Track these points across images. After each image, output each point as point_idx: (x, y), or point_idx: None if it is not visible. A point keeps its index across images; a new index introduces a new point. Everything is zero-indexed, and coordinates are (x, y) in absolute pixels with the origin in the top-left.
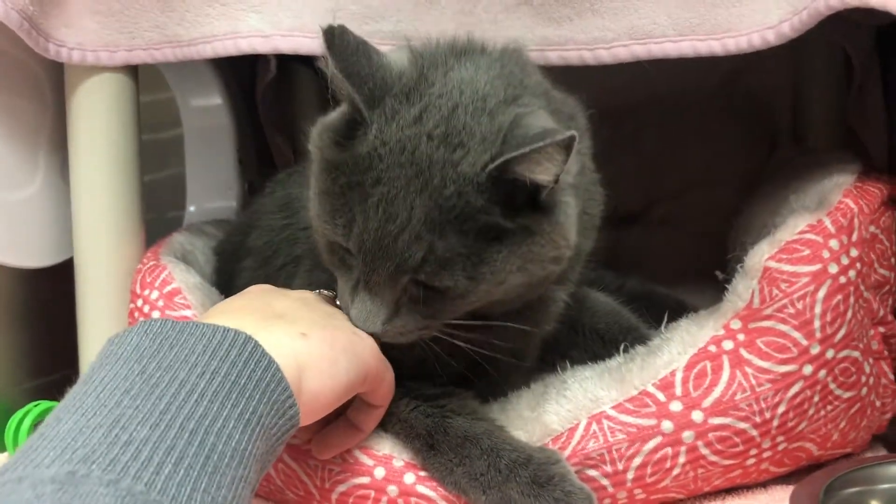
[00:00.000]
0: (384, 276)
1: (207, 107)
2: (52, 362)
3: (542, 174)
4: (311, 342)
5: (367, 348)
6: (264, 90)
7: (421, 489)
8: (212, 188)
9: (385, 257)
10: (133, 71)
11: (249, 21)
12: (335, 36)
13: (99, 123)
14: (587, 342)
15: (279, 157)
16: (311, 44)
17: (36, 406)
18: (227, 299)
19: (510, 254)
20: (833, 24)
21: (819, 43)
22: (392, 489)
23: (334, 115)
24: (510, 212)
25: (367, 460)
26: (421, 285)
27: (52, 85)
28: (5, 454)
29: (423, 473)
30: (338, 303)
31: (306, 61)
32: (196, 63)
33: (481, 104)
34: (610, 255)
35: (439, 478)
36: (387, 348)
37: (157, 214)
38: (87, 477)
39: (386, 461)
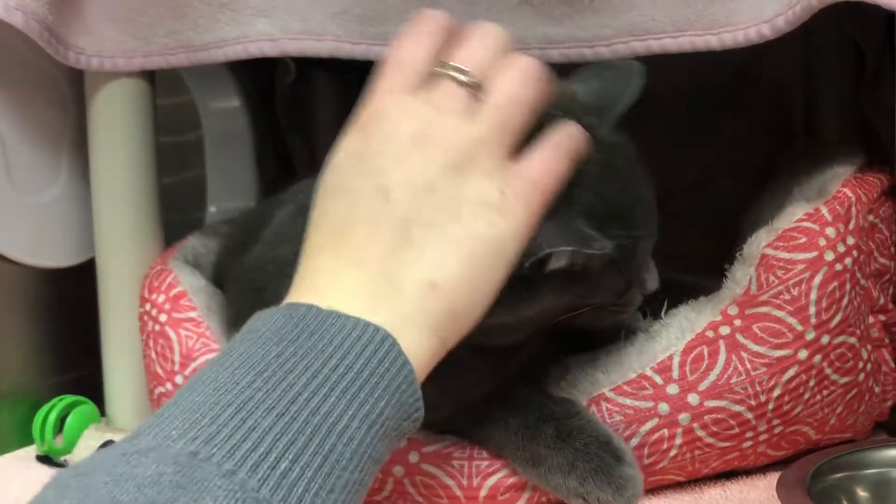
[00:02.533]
0: None
1: (226, 109)
2: (76, 358)
3: None
4: (443, 293)
5: (512, 233)
6: (283, 93)
7: (425, 467)
8: (232, 189)
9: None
10: (150, 76)
11: (258, 26)
12: None
13: (117, 127)
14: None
15: (297, 159)
16: (319, 46)
17: (61, 400)
18: (338, 164)
19: None
20: (841, 15)
21: (830, 34)
22: (398, 469)
23: None
24: None
25: None
26: None
27: (72, 90)
28: (33, 447)
29: (426, 450)
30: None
31: (325, 66)
32: (215, 66)
33: None
34: None
35: (478, 439)
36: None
37: (181, 216)
38: (208, 461)
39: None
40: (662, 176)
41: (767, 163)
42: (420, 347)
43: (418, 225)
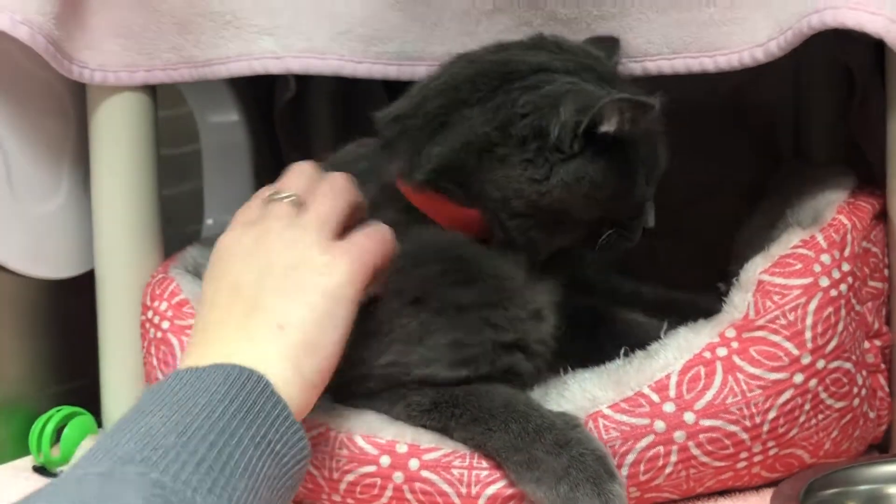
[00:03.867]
0: None
1: (225, 123)
2: (74, 369)
3: None
4: (291, 332)
5: (343, 279)
6: (282, 108)
7: (425, 474)
8: (229, 202)
9: None
10: (151, 90)
11: (262, 43)
12: None
13: (119, 140)
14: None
15: None
16: (322, 65)
17: (58, 411)
18: (204, 286)
19: None
20: (831, 39)
21: (820, 57)
22: (398, 475)
23: None
24: None
25: (371, 449)
26: None
27: (74, 103)
28: (29, 457)
29: (426, 458)
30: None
31: (324, 82)
32: (214, 81)
33: None
34: (615, 265)
35: (477, 442)
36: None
37: (177, 228)
38: (124, 471)
39: (390, 448)
40: (659, 192)
41: (757, 183)
42: (287, 383)
43: (263, 295)
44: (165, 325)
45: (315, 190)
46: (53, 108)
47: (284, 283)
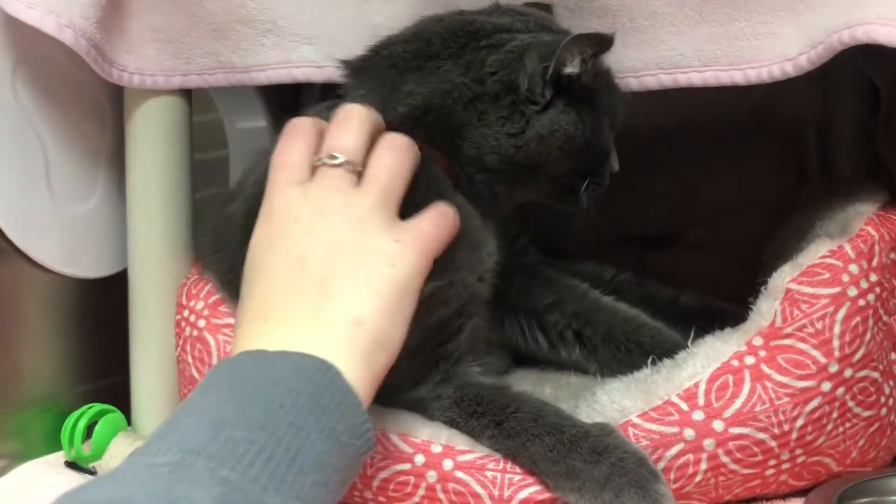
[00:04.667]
0: None
1: (253, 129)
2: (105, 367)
3: None
4: (367, 327)
5: (412, 270)
6: (308, 114)
7: (458, 474)
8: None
9: None
10: (187, 94)
11: (302, 52)
12: None
13: (154, 143)
14: (629, 356)
15: None
16: None
17: (90, 408)
18: (255, 252)
19: None
20: (858, 55)
21: (845, 73)
22: (431, 475)
23: None
24: None
25: (406, 448)
26: None
27: (111, 106)
28: (60, 453)
29: (460, 459)
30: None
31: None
32: (244, 87)
33: None
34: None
35: (511, 454)
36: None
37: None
38: (193, 465)
39: (425, 447)
40: (682, 207)
41: (783, 198)
42: (357, 377)
43: (332, 278)
44: (202, 323)
45: (376, 148)
46: (92, 111)
47: (354, 268)
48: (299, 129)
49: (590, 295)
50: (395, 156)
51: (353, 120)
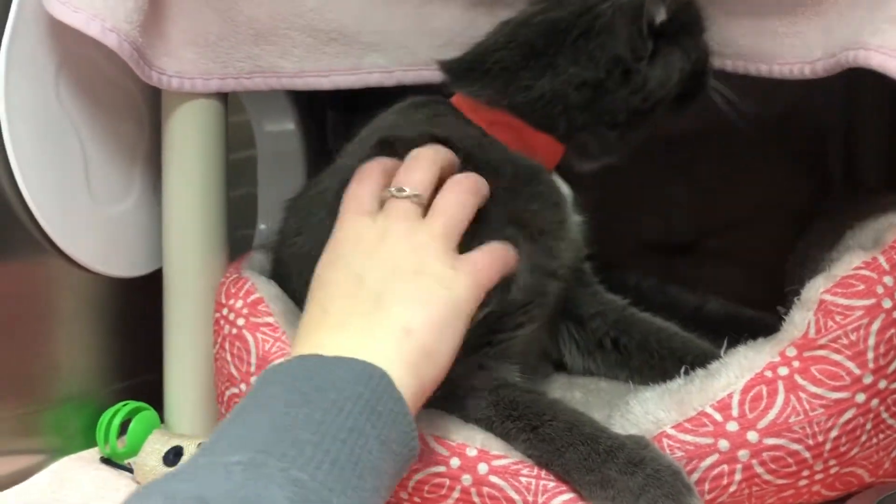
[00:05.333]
0: None
1: (281, 132)
2: (139, 365)
3: None
4: (416, 337)
5: (464, 294)
6: (334, 117)
7: (493, 479)
8: (282, 208)
9: None
10: (223, 97)
11: (371, 58)
12: None
13: (191, 144)
14: (661, 363)
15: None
16: (430, 75)
17: (124, 406)
18: (320, 270)
19: None
20: None
21: (870, 81)
22: (466, 478)
23: None
24: None
25: (442, 450)
26: None
27: (148, 108)
28: (95, 449)
29: (495, 463)
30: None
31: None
32: (273, 92)
33: None
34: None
35: (545, 460)
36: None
37: (229, 232)
38: (265, 464)
39: (460, 450)
40: (704, 214)
41: (805, 205)
42: (404, 385)
43: (388, 294)
44: (241, 322)
45: (441, 190)
46: (129, 113)
47: (409, 286)
48: (369, 171)
49: (628, 308)
50: (461, 194)
51: (422, 159)
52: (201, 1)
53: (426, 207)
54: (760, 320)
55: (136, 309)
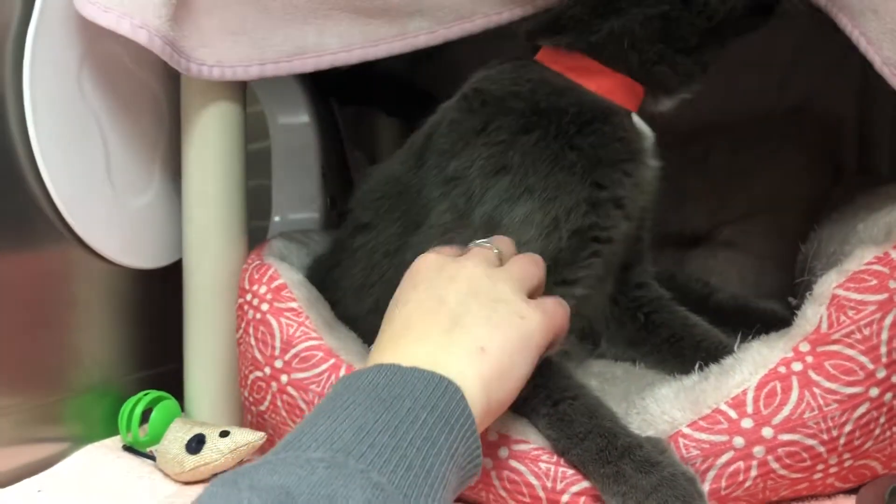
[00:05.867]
0: None
1: (295, 124)
2: (160, 355)
3: None
4: (490, 357)
5: (536, 327)
6: (348, 111)
7: (513, 463)
8: (296, 200)
9: None
10: (242, 91)
11: (415, 23)
12: None
13: (210, 138)
14: (679, 343)
15: (356, 170)
16: (471, 26)
17: (146, 395)
18: (398, 300)
19: None
20: None
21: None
22: (487, 461)
23: None
24: None
25: None
26: None
27: (168, 103)
28: (117, 437)
29: (515, 448)
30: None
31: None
32: (286, 82)
33: None
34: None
35: (563, 446)
36: None
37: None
38: (345, 464)
39: (482, 436)
40: (720, 205)
41: (818, 196)
42: (474, 402)
43: (466, 315)
44: (265, 307)
45: (516, 256)
46: (150, 107)
47: (487, 310)
48: (445, 250)
49: (669, 299)
50: (532, 262)
51: (508, 241)
52: None
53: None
54: (770, 311)
55: (156, 300)
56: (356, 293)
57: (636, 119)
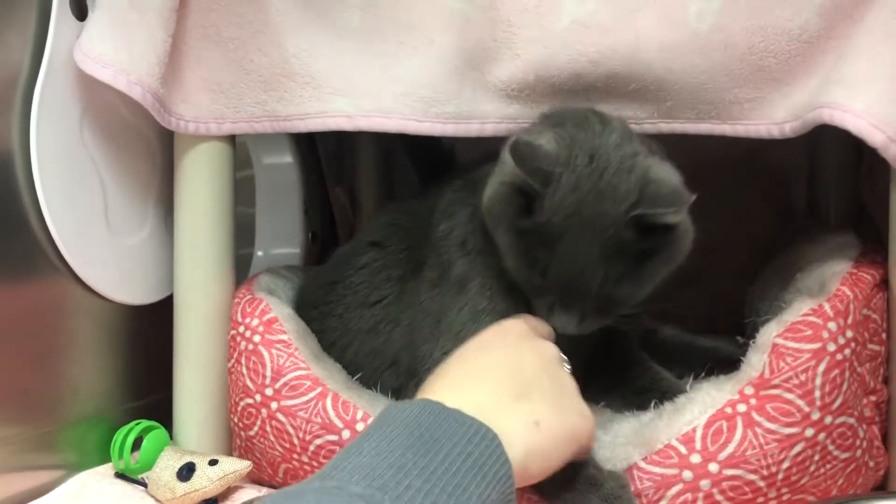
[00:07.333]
0: (574, 297)
1: (279, 164)
2: (151, 385)
3: (671, 219)
4: (543, 434)
5: (587, 430)
6: (330, 151)
7: None
8: (278, 236)
9: (574, 286)
10: (231, 139)
11: (336, 103)
12: (520, 147)
13: (201, 182)
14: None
15: (337, 206)
16: (387, 123)
17: (137, 424)
18: (482, 345)
19: (658, 263)
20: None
21: (832, 126)
22: None
23: (503, 196)
24: (652, 237)
25: None
26: (600, 297)
27: (161, 148)
28: (110, 464)
29: None
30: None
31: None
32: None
33: (619, 164)
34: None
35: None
36: None
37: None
38: (382, 502)
39: None
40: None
41: (770, 237)
42: (513, 460)
43: (535, 389)
44: (257, 338)
45: None
46: (144, 152)
47: (555, 392)
48: (532, 322)
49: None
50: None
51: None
52: (219, 50)
53: None
54: (713, 349)
55: (147, 333)
56: (358, 310)
57: None
